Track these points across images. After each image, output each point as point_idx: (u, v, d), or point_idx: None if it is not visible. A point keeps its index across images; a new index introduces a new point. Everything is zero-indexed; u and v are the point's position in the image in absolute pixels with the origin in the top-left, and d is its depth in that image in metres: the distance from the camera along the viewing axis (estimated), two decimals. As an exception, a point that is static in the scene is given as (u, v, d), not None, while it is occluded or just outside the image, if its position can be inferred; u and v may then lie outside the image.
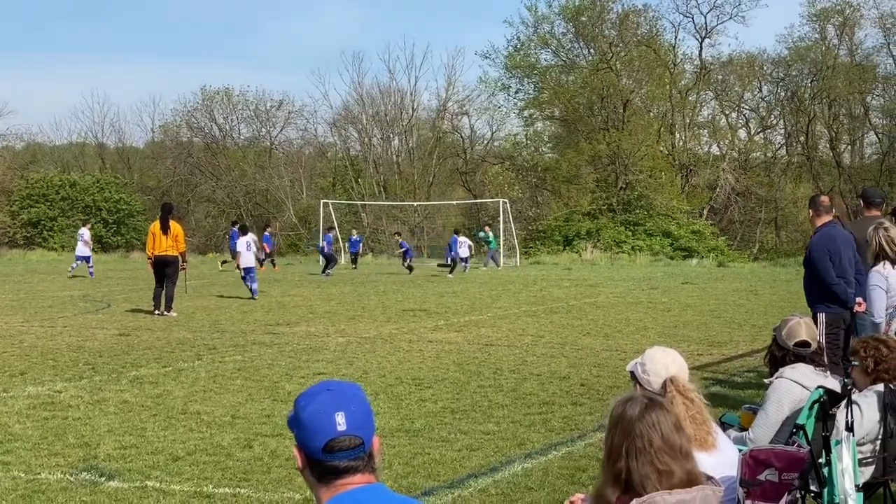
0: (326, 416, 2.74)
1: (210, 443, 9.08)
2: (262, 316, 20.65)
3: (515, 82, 61.72)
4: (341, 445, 2.73)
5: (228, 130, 69.15)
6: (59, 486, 7.70)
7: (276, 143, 69.48)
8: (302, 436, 2.77)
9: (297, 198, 63.46)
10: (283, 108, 68.66)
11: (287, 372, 13.17)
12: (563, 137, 60.69)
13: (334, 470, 2.74)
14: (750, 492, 4.26)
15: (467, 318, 20.29)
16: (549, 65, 60.83)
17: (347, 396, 2.80)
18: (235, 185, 64.43)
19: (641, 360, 4.61)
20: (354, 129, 66.31)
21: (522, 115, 62.80)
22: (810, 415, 5.28)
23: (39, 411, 10.53)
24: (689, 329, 18.15)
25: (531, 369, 13.37)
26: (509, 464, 8.31)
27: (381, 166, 63.89)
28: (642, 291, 27.43)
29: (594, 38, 58.55)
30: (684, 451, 3.48)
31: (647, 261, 45.74)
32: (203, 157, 67.30)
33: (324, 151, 70.08)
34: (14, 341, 16.43)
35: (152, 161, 71.56)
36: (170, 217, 21.29)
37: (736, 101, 62.42)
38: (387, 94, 64.59)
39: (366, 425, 2.78)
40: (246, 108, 68.76)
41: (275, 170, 64.21)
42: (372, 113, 64.69)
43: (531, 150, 62.68)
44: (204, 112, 68.44)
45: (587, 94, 57.55)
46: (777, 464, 4.28)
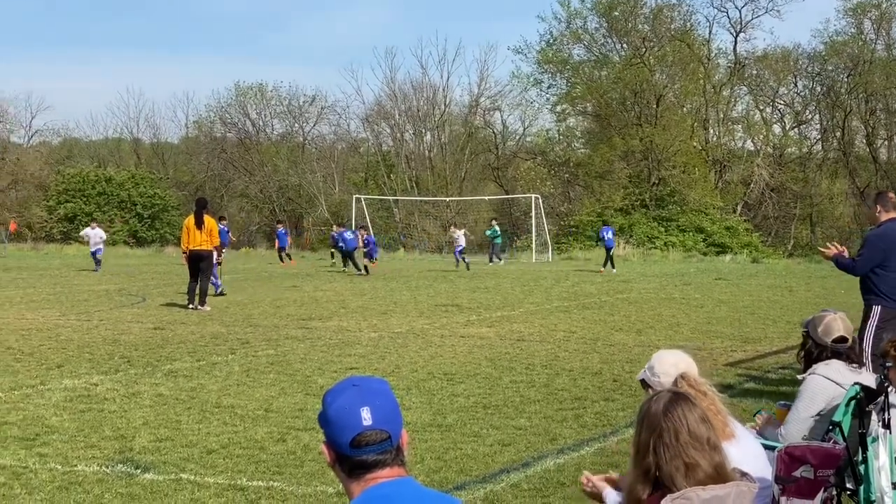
0: (352, 412, 2.75)
1: (244, 436, 9.14)
2: (294, 310, 20.73)
3: (548, 77, 61.64)
4: (368, 440, 2.74)
5: (262, 126, 69.48)
6: (95, 477, 7.77)
7: (308, 139, 69.74)
8: (330, 431, 2.79)
9: (329, 193, 63.64)
10: (316, 104, 68.93)
11: (319, 366, 13.22)
12: (596, 133, 60.49)
13: (363, 464, 2.76)
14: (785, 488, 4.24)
15: (499, 313, 20.28)
16: (582, 60, 60.66)
17: (373, 391, 2.81)
18: (268, 180, 64.71)
19: (649, 364, 4.63)
20: (387, 125, 66.46)
21: (555, 111, 62.71)
22: (846, 411, 5.24)
23: (76, 404, 10.62)
24: (723, 325, 18.06)
25: (563, 365, 13.35)
26: (541, 459, 8.30)
27: (413, 162, 63.94)
28: (675, 287, 27.32)
29: (627, 33, 58.31)
30: (712, 443, 3.47)
31: (680, 256, 45.55)
32: (236, 152, 67.65)
33: (356, 147, 70.23)
34: (51, 335, 16.58)
35: (186, 156, 72.02)
36: (204, 212, 21.42)
37: (770, 96, 62.00)
38: (419, 90, 64.68)
39: (392, 419, 2.79)
40: (279, 104, 69.09)
41: (307, 165, 64.42)
42: (404, 108, 64.77)
43: (563, 146, 62.55)
44: (237, 108, 68.82)
45: (620, 90, 57.33)
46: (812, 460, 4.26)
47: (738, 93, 61.33)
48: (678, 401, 3.54)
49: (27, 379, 12.23)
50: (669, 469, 3.42)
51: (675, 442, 3.44)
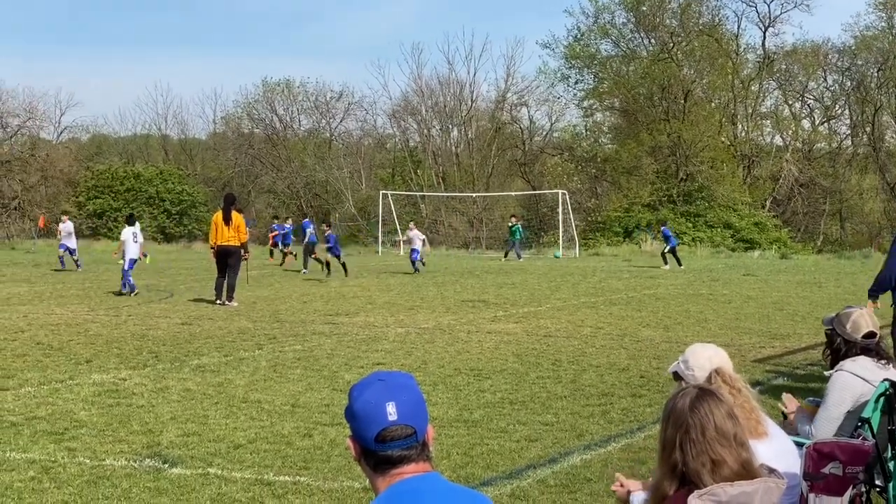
0: (378, 407, 2.75)
1: (270, 431, 9.17)
2: (321, 306, 20.78)
3: (575, 73, 61.47)
4: (393, 435, 2.74)
5: (289, 122, 69.66)
6: (124, 472, 7.82)
7: (335, 135, 69.87)
8: (355, 426, 2.79)
9: (356, 189, 63.74)
10: (343, 100, 69.02)
11: (346, 362, 13.25)
12: (623, 128, 60.29)
13: (388, 459, 2.76)
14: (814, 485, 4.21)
15: (526, 309, 20.26)
16: (610, 55, 60.47)
17: (398, 386, 2.81)
18: (296, 176, 64.89)
19: (683, 357, 4.59)
20: (414, 121, 66.43)
21: (582, 106, 62.56)
22: (876, 408, 5.20)
23: (104, 398, 10.69)
24: (751, 321, 17.97)
25: (590, 360, 13.33)
26: (568, 455, 8.29)
27: (440, 157, 63.93)
28: (703, 283, 27.20)
29: (655, 28, 58.06)
30: (739, 439, 3.45)
31: (708, 252, 45.34)
32: (264, 148, 67.87)
33: (383, 143, 70.30)
34: (80, 330, 16.69)
35: (214, 152, 72.30)
36: (232, 208, 21.48)
37: (800, 91, 61.61)
38: (446, 85, 64.62)
39: (418, 414, 2.79)
40: (306, 100, 69.22)
41: (334, 161, 64.52)
42: (431, 104, 64.75)
43: (591, 141, 62.41)
44: (265, 104, 69.00)
45: (648, 85, 57.13)
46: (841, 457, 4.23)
47: (767, 88, 60.99)
48: (705, 397, 3.52)
49: (56, 374, 12.32)
50: (696, 465, 3.40)
51: (701, 438, 3.43)
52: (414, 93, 65.54)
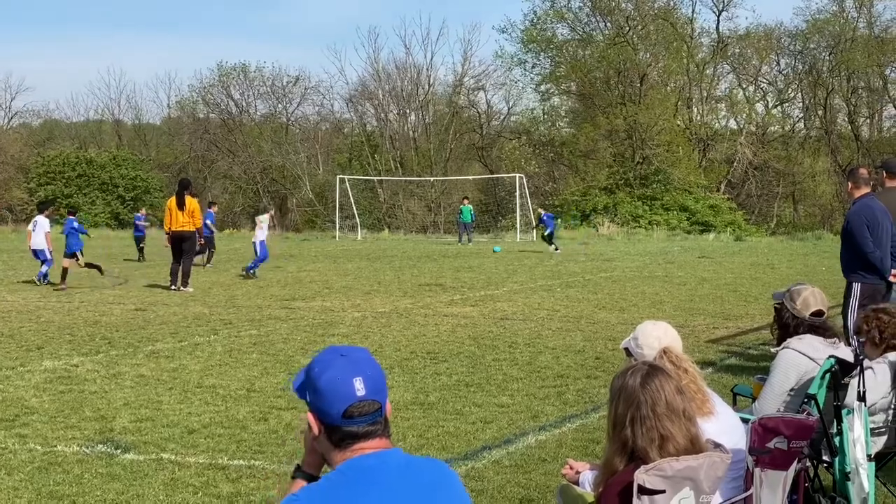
0: (344, 382, 2.74)
1: (225, 416, 9.13)
2: (277, 291, 20.70)
3: (532, 57, 61.59)
4: (360, 410, 2.73)
5: (245, 107, 69.25)
6: (76, 458, 7.75)
7: (292, 120, 69.55)
8: (318, 402, 2.76)
9: (313, 174, 63.52)
10: (300, 84, 68.72)
11: (302, 346, 13.21)
12: (580, 112, 60.50)
13: (353, 435, 2.75)
14: (759, 459, 4.25)
15: (483, 292, 20.30)
16: (566, 39, 60.60)
17: (362, 361, 2.80)
18: (252, 161, 64.53)
19: (634, 334, 4.61)
20: (371, 105, 66.29)
21: (539, 90, 62.69)
22: (822, 384, 5.26)
23: (56, 385, 10.59)
24: (705, 303, 18.12)
25: (546, 343, 13.38)
26: (523, 436, 8.32)
27: (397, 142, 63.84)
28: (658, 266, 27.39)
29: (611, 12, 58.25)
30: (688, 414, 3.49)
31: (664, 235, 45.66)
32: (219, 133, 67.45)
33: (340, 127, 70.09)
34: (31, 316, 16.53)
35: (169, 137, 71.78)
36: (186, 193, 21.33)
37: (753, 75, 62.08)
38: (403, 70, 64.56)
39: (382, 389, 2.79)
40: (262, 85, 68.84)
41: (291, 146, 64.24)
42: (388, 88, 64.65)
43: (548, 125, 62.58)
44: (220, 88, 68.56)
45: (604, 69, 57.33)
46: (786, 431, 4.27)
47: (722, 71, 61.40)
48: (655, 373, 3.56)
49: (6, 360, 12.19)
50: (645, 441, 3.44)
51: (652, 414, 3.46)
52: (371, 77, 65.48)
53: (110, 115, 73.77)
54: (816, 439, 5.25)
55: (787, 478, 4.37)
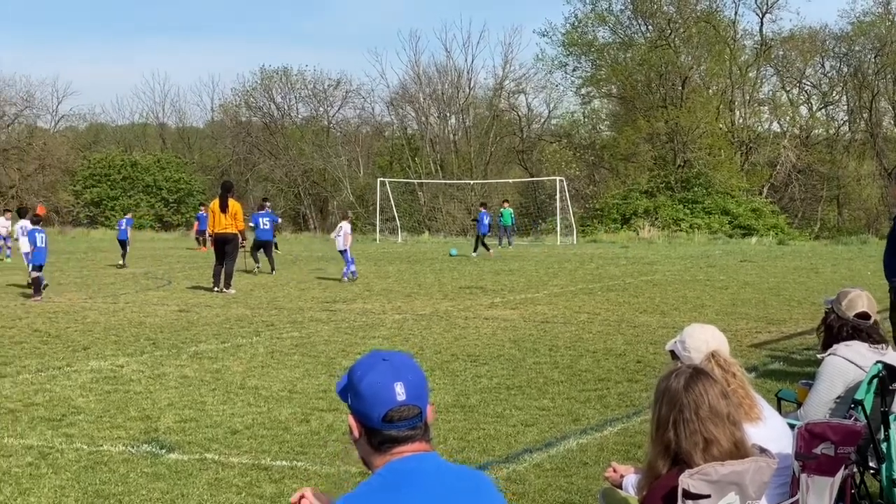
0: (385, 387, 2.75)
1: (268, 417, 9.19)
2: (319, 293, 20.79)
3: (573, 60, 61.41)
4: (401, 415, 2.75)
5: (287, 110, 69.57)
6: (121, 457, 7.83)
7: (333, 123, 69.80)
8: (360, 406, 2.78)
9: (354, 177, 63.71)
10: (341, 88, 68.95)
11: (343, 348, 13.26)
12: (621, 115, 60.25)
13: (394, 439, 2.76)
14: (806, 465, 4.23)
15: (523, 295, 20.28)
16: (607, 42, 60.39)
17: (404, 366, 2.81)
18: (293, 164, 64.82)
19: (681, 337, 4.58)
20: (411, 108, 66.39)
21: (580, 93, 62.52)
22: (869, 390, 5.21)
23: (102, 385, 10.71)
24: (748, 307, 17.99)
25: (587, 346, 13.35)
26: (564, 439, 8.31)
27: (437, 145, 63.89)
28: (700, 269, 27.22)
29: (652, 15, 57.96)
30: (732, 418, 3.47)
31: (706, 239, 45.37)
32: (261, 136, 67.81)
33: (381, 130, 70.23)
34: (78, 317, 16.71)
35: (212, 140, 72.28)
36: (229, 196, 21.47)
37: (797, 78, 61.55)
38: (443, 73, 64.59)
39: (422, 395, 2.80)
40: (304, 88, 69.13)
41: (332, 149, 64.47)
42: (429, 91, 64.70)
43: (588, 128, 62.38)
44: (262, 92, 68.91)
45: (645, 72, 57.06)
46: (833, 437, 4.25)
47: (765, 74, 60.94)
48: (699, 376, 3.55)
49: (54, 360, 12.34)
50: (688, 445, 3.43)
51: (695, 417, 3.45)
52: (412, 80, 65.56)
53: (155, 119, 74.48)
54: (863, 445, 5.20)
55: (834, 484, 4.34)
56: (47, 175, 62.98)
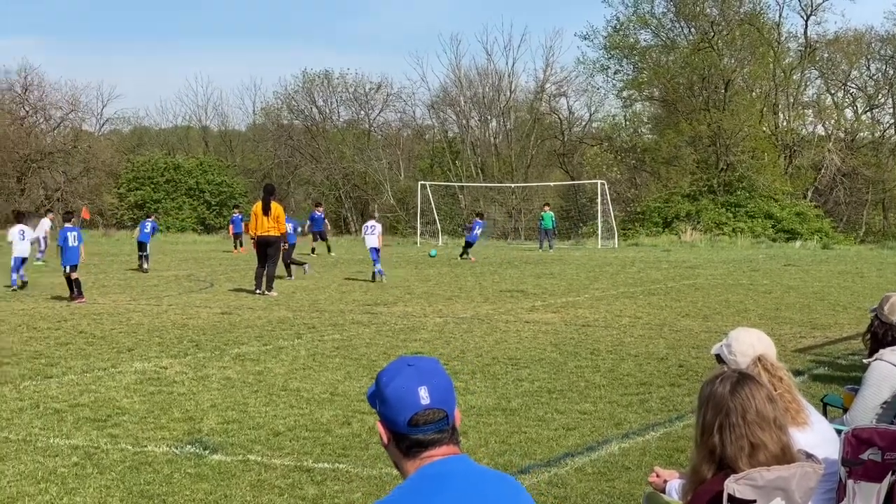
0: (409, 391, 2.77)
1: (310, 419, 9.23)
2: (360, 296, 20.86)
3: (614, 63, 61.12)
4: (426, 419, 2.76)
5: (328, 113, 69.78)
6: (165, 458, 7.90)
7: (374, 126, 69.93)
8: (386, 411, 2.80)
9: (395, 180, 63.82)
10: (382, 91, 69.03)
11: (385, 351, 13.29)
12: (663, 118, 59.89)
13: (420, 443, 2.78)
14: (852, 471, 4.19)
15: (564, 299, 20.23)
16: (649, 45, 60.07)
17: (429, 371, 2.83)
18: (334, 167, 65.04)
19: (727, 341, 4.55)
20: (452, 111, 66.34)
21: (621, 96, 62.20)
22: (916, 394, 5.16)
23: (146, 386, 10.81)
24: (792, 311, 17.84)
25: (628, 350, 13.30)
26: (606, 443, 8.28)
27: (478, 148, 63.86)
28: (743, 273, 27.02)
29: (695, 17, 57.59)
30: (778, 423, 3.44)
31: (749, 243, 45.02)
32: (303, 139, 68.06)
33: (422, 133, 70.28)
34: (122, 319, 16.87)
35: (253, 144, 72.66)
36: (271, 198, 21.58)
37: (842, 80, 60.93)
38: (484, 76, 64.52)
39: (448, 398, 2.82)
40: (345, 91, 69.30)
41: (373, 152, 64.61)
42: (470, 95, 64.66)
43: (630, 132, 62.07)
44: (304, 95, 69.16)
45: (688, 74, 56.70)
46: (880, 443, 4.20)
47: (809, 76, 60.33)
48: (745, 381, 3.52)
49: (99, 362, 12.47)
50: (734, 449, 3.40)
51: (741, 422, 3.43)
52: (452, 83, 65.53)
53: (197, 122, 74.98)
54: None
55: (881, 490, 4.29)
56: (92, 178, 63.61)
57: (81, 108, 66.89)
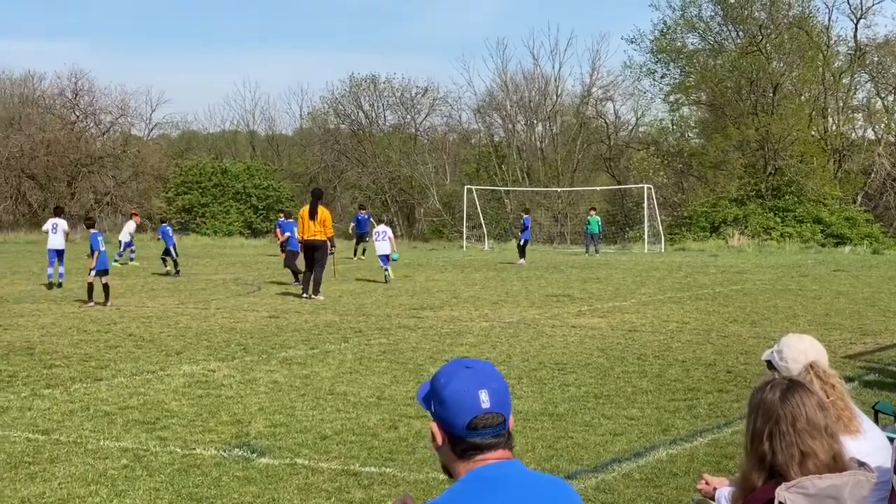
0: (470, 394, 2.75)
1: (356, 423, 9.27)
2: (406, 300, 20.89)
3: (661, 67, 60.80)
4: (485, 423, 2.75)
5: (374, 117, 70.00)
6: (213, 461, 7.97)
7: (420, 130, 70.05)
8: (444, 413, 2.79)
9: (441, 184, 63.88)
10: (428, 95, 69.14)
11: (431, 355, 13.32)
12: (710, 122, 59.49)
13: (477, 447, 2.76)
14: (905, 480, 4.13)
15: (611, 303, 20.15)
16: (696, 48, 59.70)
17: (487, 374, 2.82)
18: (381, 171, 65.23)
19: (778, 347, 4.50)
20: (498, 116, 66.32)
21: (668, 100, 61.83)
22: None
23: (194, 389, 10.90)
24: (842, 317, 17.65)
25: (676, 355, 13.22)
26: (653, 449, 8.24)
27: (524, 152, 63.79)
28: (791, 279, 26.77)
29: (743, 21, 57.17)
30: (829, 430, 3.41)
31: (797, 248, 44.61)
32: (349, 143, 68.31)
33: (468, 138, 70.31)
34: (170, 322, 17.02)
35: (300, 148, 73.01)
36: (318, 203, 21.68)
37: (893, 84, 60.16)
38: (531, 80, 64.45)
39: (506, 402, 2.80)
40: (392, 95, 69.50)
41: (419, 156, 64.72)
42: (516, 99, 64.62)
43: (677, 136, 61.70)
44: (351, 99, 69.43)
45: (735, 78, 56.28)
46: (933, 451, 4.14)
47: (859, 80, 59.62)
48: (795, 388, 3.49)
49: (148, 365, 12.59)
50: (785, 457, 3.37)
51: (791, 430, 3.39)
52: (499, 88, 65.51)
53: (245, 127, 75.50)
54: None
55: (934, 499, 4.23)
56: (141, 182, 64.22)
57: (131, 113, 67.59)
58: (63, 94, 65.15)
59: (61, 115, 64.52)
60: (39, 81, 64.93)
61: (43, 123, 61.93)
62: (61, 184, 61.55)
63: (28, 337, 15.11)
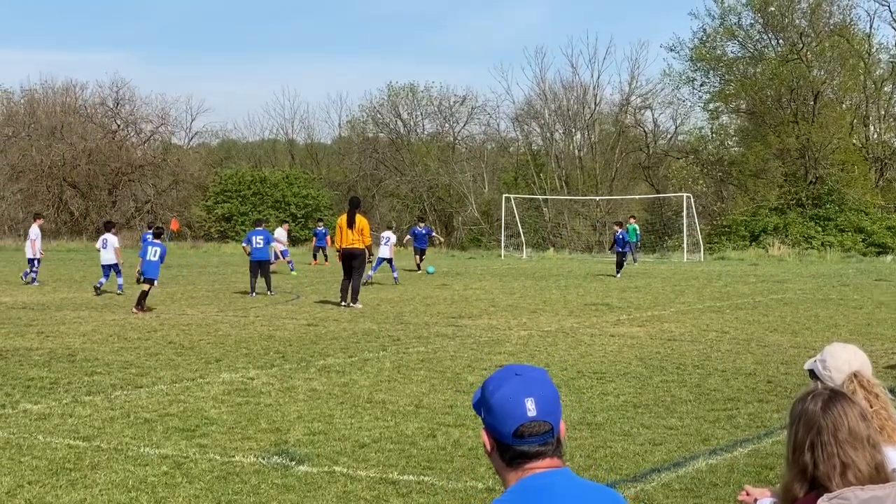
0: (516, 402, 2.75)
1: (395, 431, 9.28)
2: (444, 308, 20.90)
3: (700, 75, 60.51)
4: (531, 431, 2.74)
5: (413, 126, 70.15)
6: (252, 468, 8.00)
7: (458, 138, 70.14)
8: (491, 420, 2.78)
9: (479, 192, 63.90)
10: (467, 104, 69.21)
11: (469, 363, 13.31)
12: (750, 131, 59.11)
13: (524, 455, 2.75)
14: (949, 492, 4.08)
15: (650, 312, 20.06)
16: (736, 56, 59.37)
17: (536, 381, 2.80)
18: (419, 179, 65.34)
19: (821, 356, 4.46)
20: (537, 124, 66.27)
21: (707, 109, 61.53)
22: None
23: (233, 397, 10.96)
24: (883, 327, 17.47)
25: (715, 365, 13.14)
26: (693, 459, 8.19)
27: (563, 161, 63.67)
28: (832, 288, 26.52)
29: (783, 29, 56.81)
30: (872, 441, 3.37)
31: (838, 257, 44.19)
32: (387, 152, 68.51)
33: (506, 146, 70.29)
34: (210, 330, 17.12)
35: (339, 156, 73.30)
36: (356, 211, 21.75)
37: (935, 92, 59.55)
38: (569, 89, 64.32)
39: (554, 410, 2.79)
40: (430, 104, 69.63)
41: (457, 164, 64.80)
42: (554, 108, 64.52)
43: (716, 144, 61.37)
44: (389, 108, 69.63)
45: (776, 86, 55.91)
46: (978, 463, 4.09)
47: (901, 88, 59.05)
48: (837, 398, 3.46)
49: (187, 372, 12.67)
50: (826, 468, 3.34)
51: (833, 440, 3.36)
52: (537, 97, 65.45)
53: (284, 135, 75.91)
54: None
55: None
56: (181, 190, 64.72)
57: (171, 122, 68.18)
58: (104, 104, 65.84)
59: (102, 124, 65.17)
60: (81, 91, 65.59)
61: (84, 132, 62.57)
62: (102, 192, 62.15)
63: (69, 344, 15.26)
